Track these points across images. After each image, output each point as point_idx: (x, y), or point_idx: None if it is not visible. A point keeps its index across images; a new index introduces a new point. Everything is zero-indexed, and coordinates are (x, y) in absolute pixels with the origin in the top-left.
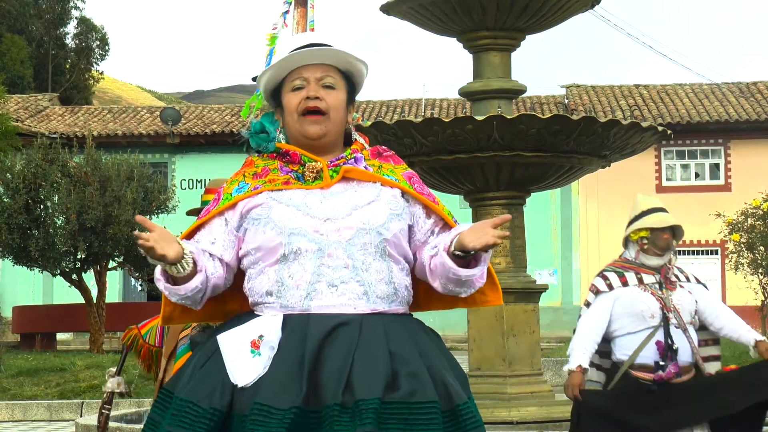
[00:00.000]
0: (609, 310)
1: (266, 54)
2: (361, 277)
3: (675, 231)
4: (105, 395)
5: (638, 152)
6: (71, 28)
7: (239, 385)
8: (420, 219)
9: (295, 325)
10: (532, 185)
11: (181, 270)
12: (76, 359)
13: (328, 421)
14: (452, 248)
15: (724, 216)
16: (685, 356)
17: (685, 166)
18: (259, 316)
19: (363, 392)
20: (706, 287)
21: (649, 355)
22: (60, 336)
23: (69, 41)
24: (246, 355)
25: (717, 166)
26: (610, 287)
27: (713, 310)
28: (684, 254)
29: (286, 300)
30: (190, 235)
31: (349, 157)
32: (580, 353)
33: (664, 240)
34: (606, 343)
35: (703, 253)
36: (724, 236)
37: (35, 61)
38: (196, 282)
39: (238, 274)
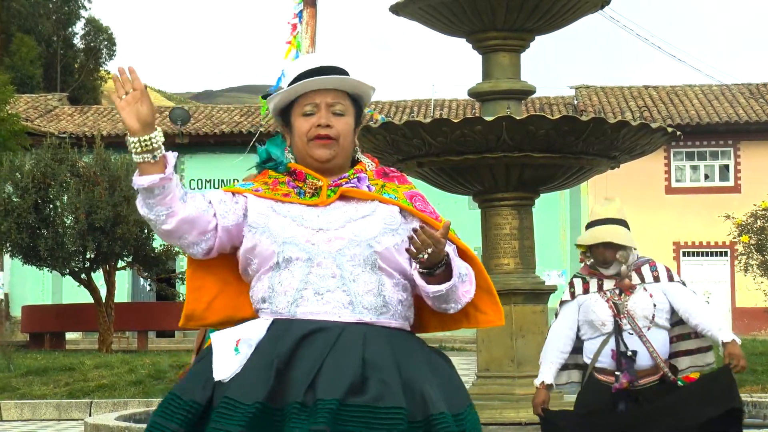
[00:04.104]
0: (574, 318)
1: (291, 57)
2: (348, 287)
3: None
4: None
5: (647, 153)
6: (79, 28)
7: (216, 379)
8: None
9: (278, 327)
10: (541, 186)
11: (134, 146)
12: (85, 359)
13: (287, 419)
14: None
15: (733, 217)
16: (644, 360)
17: (694, 168)
18: None
19: (323, 393)
20: (683, 284)
21: (606, 361)
22: (69, 335)
23: (77, 41)
24: (230, 352)
25: (726, 167)
26: (573, 296)
27: (686, 308)
28: (693, 255)
29: (275, 306)
30: None
31: (351, 176)
32: (546, 369)
33: (601, 255)
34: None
35: (712, 255)
36: (734, 238)
37: (44, 60)
38: (154, 178)
39: None
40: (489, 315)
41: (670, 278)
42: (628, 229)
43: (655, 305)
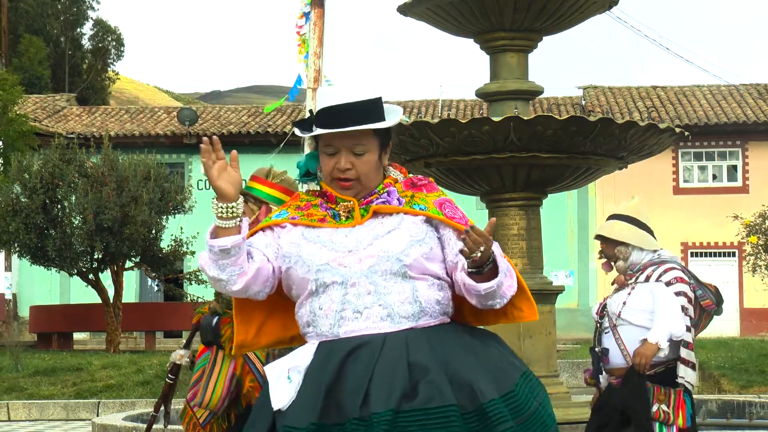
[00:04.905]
0: None
1: (301, 54)
2: (384, 300)
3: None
4: (169, 365)
5: (655, 154)
6: (87, 29)
7: (275, 408)
8: (451, 241)
9: (324, 349)
10: (549, 186)
11: (224, 211)
12: (93, 359)
13: None
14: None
15: (741, 218)
16: (617, 359)
17: (702, 168)
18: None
19: (378, 405)
20: (666, 286)
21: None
22: (77, 336)
23: (85, 42)
24: (283, 381)
25: (734, 167)
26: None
27: (654, 309)
28: (701, 256)
29: (319, 329)
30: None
31: (381, 191)
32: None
33: (603, 249)
34: None
35: (720, 255)
36: (742, 238)
37: (52, 61)
38: (237, 238)
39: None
40: (524, 311)
41: (658, 278)
42: (643, 227)
43: (624, 302)
